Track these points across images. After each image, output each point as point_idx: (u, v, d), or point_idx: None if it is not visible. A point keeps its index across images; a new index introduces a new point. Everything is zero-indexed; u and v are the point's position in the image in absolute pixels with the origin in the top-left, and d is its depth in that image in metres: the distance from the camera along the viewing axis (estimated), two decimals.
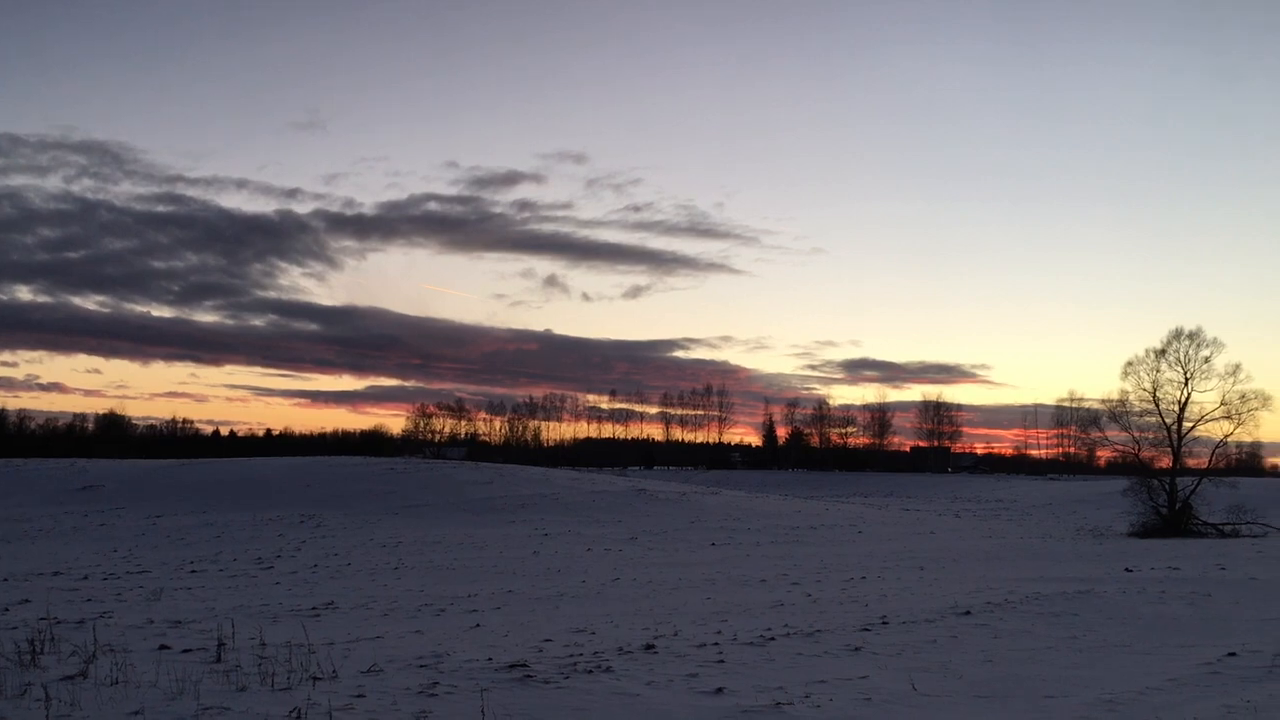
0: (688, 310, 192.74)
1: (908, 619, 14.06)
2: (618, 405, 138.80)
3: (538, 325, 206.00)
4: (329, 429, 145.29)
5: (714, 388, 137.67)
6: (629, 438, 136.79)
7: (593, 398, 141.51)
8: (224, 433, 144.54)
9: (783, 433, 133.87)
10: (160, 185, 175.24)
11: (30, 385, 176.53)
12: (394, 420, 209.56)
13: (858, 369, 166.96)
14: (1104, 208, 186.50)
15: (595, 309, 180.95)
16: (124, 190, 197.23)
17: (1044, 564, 24.78)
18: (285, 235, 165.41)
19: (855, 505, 58.42)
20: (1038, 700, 8.83)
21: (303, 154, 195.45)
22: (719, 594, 18.33)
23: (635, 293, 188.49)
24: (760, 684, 9.33)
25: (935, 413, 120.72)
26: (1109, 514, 49.98)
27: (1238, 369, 42.02)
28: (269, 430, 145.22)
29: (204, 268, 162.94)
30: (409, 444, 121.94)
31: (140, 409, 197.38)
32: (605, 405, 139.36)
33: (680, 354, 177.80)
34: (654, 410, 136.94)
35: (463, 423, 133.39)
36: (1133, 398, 43.78)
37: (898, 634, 12.73)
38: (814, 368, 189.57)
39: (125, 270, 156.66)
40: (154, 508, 40.72)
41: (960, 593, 17.66)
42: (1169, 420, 43.19)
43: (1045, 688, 9.42)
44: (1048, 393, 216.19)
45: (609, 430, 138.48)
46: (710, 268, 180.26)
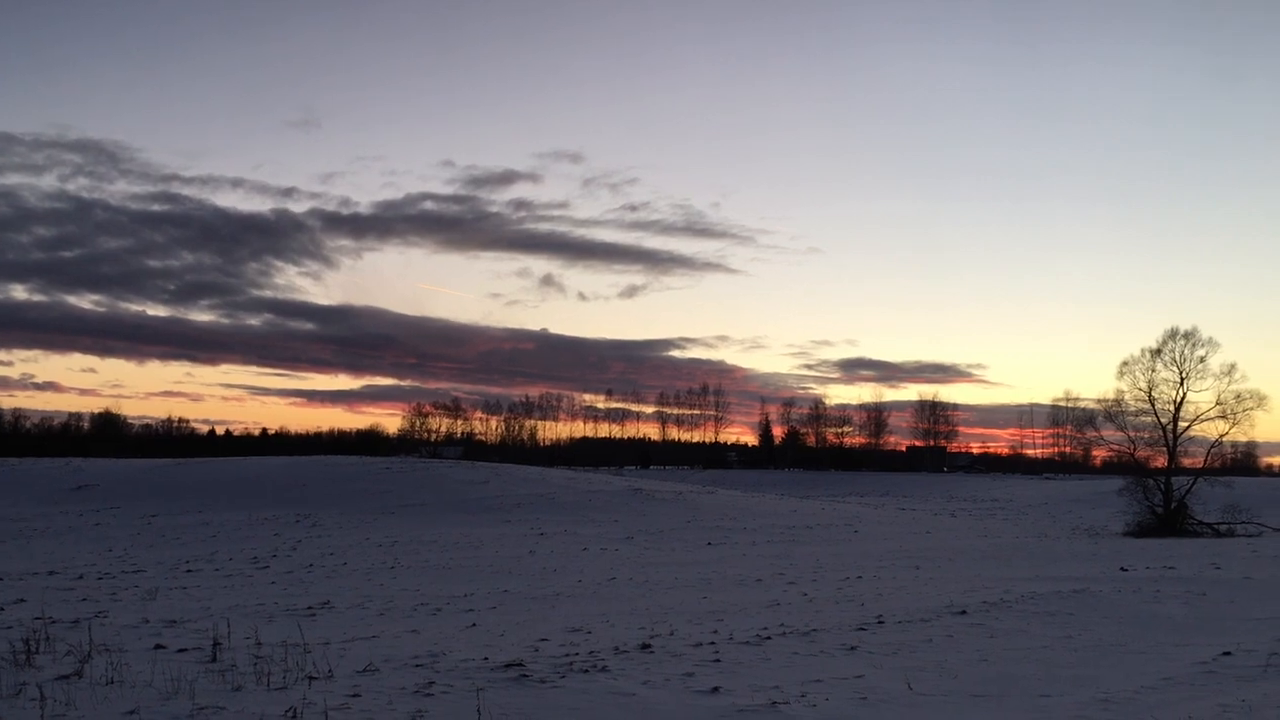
0: (684, 310, 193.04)
1: (903, 618, 14.08)
2: (614, 405, 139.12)
3: (534, 325, 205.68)
4: (325, 428, 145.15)
5: (710, 387, 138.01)
6: (625, 437, 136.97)
7: (589, 397, 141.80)
8: (220, 432, 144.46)
9: (779, 432, 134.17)
10: (156, 184, 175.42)
11: (25, 384, 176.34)
12: (390, 420, 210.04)
13: (854, 368, 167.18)
14: (1100, 207, 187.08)
15: (591, 308, 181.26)
16: (119, 189, 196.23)
17: (1039, 563, 24.81)
18: (281, 234, 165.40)
19: (851, 505, 58.44)
20: (1033, 699, 8.85)
21: (298, 153, 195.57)
22: (715, 593, 18.34)
23: (631, 292, 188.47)
24: (756, 683, 9.34)
25: (931, 412, 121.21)
26: (1104, 513, 50.08)
27: (1233, 369, 42.12)
28: (265, 430, 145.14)
29: (199, 267, 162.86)
30: (405, 443, 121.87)
31: (136, 408, 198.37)
32: (601, 405, 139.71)
33: (676, 353, 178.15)
34: (650, 410, 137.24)
35: (459, 422, 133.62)
36: (1128, 397, 43.95)
37: (893, 633, 12.75)
38: (810, 367, 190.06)
39: (121, 269, 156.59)
40: (149, 507, 40.63)
41: (956, 592, 17.68)
42: (1164, 420, 43.33)
43: (1040, 687, 9.45)
44: (1043, 392, 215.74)
45: (605, 430, 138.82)
46: (706, 267, 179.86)
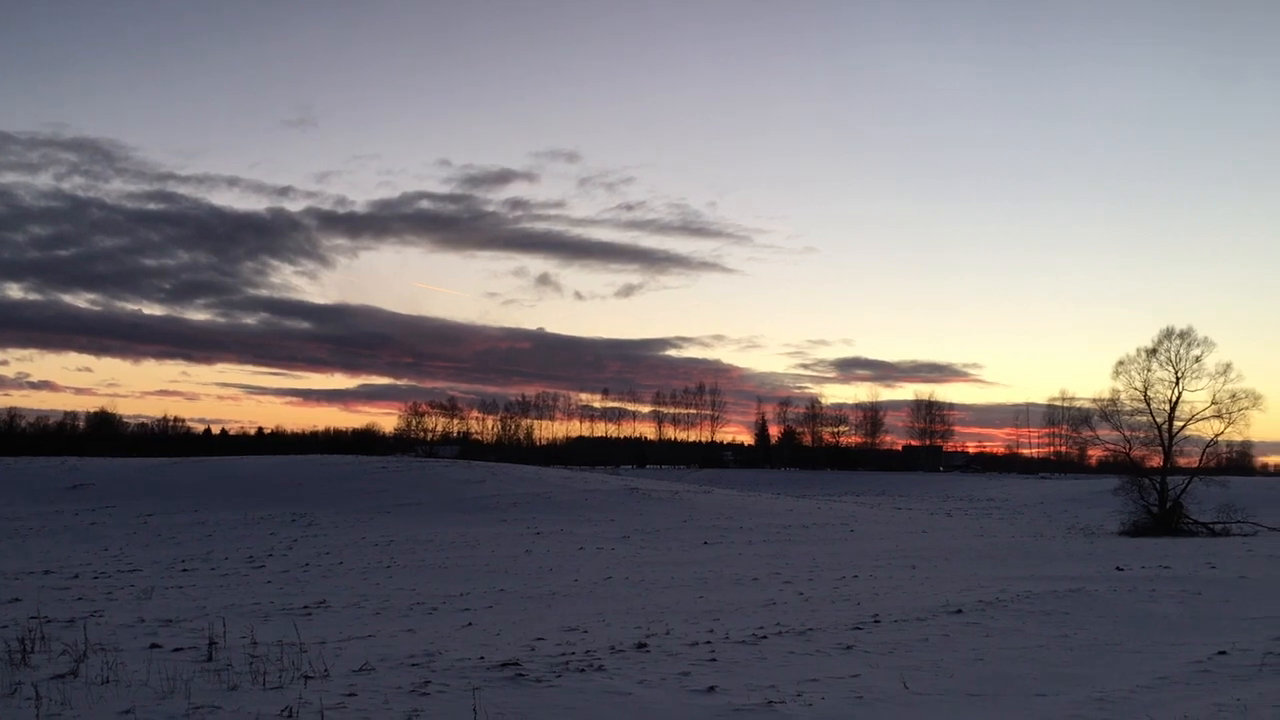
0: (680, 309, 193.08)
1: (900, 617, 14.09)
2: (610, 404, 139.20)
3: (530, 324, 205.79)
4: (321, 427, 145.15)
5: (706, 386, 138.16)
6: (621, 436, 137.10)
7: (585, 396, 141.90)
8: (215, 431, 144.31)
9: (775, 431, 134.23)
10: (152, 183, 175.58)
11: (21, 383, 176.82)
12: (386, 419, 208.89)
13: (850, 368, 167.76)
14: (1098, 207, 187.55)
15: (588, 308, 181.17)
16: (115, 188, 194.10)
17: (1035, 563, 24.84)
18: (277, 233, 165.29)
19: (847, 504, 58.46)
20: (1029, 699, 8.87)
21: (295, 152, 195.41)
22: (711, 592, 18.34)
23: (628, 291, 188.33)
24: (752, 682, 9.34)
25: (927, 412, 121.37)
26: (1100, 513, 50.15)
27: (1228, 368, 42.12)
28: (260, 429, 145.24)
29: (195, 266, 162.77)
30: (401, 443, 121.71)
31: (131, 407, 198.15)
32: (598, 404, 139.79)
33: (673, 353, 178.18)
34: (646, 409, 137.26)
35: (455, 421, 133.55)
36: (1124, 397, 43.95)
37: (890, 632, 12.76)
38: (806, 366, 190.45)
39: (116, 268, 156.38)
40: (145, 506, 40.56)
41: (952, 591, 17.69)
42: (1160, 419, 43.36)
43: (1036, 686, 9.46)
44: (1039, 392, 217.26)
45: (601, 429, 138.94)
46: (703, 266, 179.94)
